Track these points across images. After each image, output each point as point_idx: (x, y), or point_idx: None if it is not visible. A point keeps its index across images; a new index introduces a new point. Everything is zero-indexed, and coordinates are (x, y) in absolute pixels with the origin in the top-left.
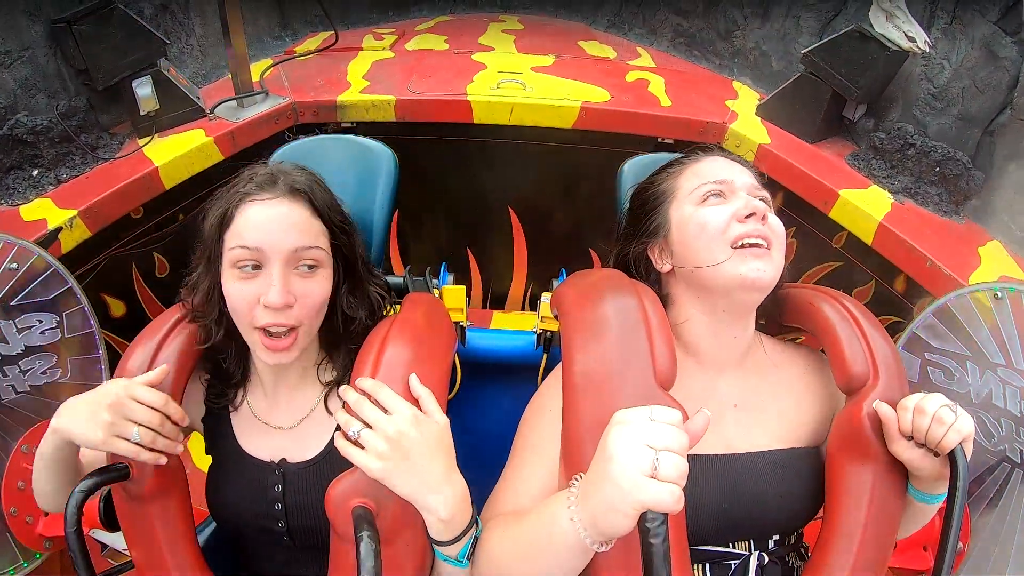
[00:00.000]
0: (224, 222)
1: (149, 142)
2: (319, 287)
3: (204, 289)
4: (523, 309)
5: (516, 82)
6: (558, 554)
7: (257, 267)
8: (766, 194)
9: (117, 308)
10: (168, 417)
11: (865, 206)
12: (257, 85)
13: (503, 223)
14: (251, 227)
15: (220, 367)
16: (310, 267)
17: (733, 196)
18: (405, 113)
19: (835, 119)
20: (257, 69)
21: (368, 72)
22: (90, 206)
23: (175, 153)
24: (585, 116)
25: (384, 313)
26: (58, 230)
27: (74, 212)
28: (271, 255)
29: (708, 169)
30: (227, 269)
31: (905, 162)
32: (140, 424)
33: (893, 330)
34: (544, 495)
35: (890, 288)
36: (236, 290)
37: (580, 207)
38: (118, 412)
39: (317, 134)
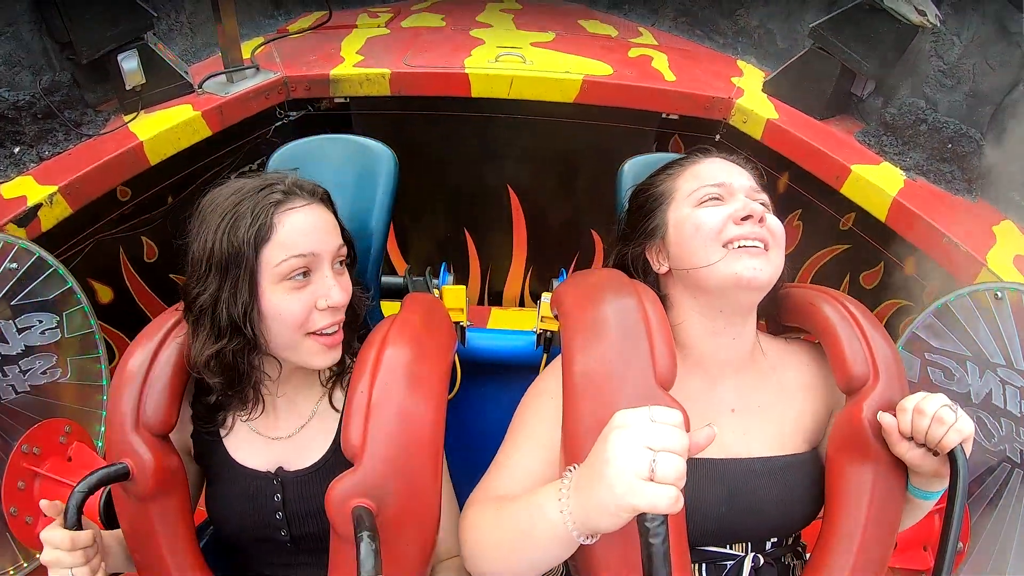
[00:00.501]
0: (260, 238)
1: (135, 118)
2: (349, 282)
3: (240, 315)
4: (522, 293)
5: (516, 55)
6: (543, 542)
7: (306, 274)
8: (765, 197)
9: (105, 294)
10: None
11: (878, 182)
12: (248, 62)
13: (502, 203)
14: (300, 235)
15: (203, 392)
16: (341, 263)
17: (731, 199)
18: (400, 87)
19: (843, 96)
20: (249, 48)
21: (362, 47)
22: (71, 182)
23: (161, 128)
24: (587, 90)
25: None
26: (37, 207)
27: (54, 188)
28: (324, 258)
29: (707, 171)
30: (272, 285)
31: (917, 138)
32: (72, 567)
33: (904, 314)
34: (536, 482)
35: (900, 270)
36: (290, 302)
37: (582, 186)
38: (57, 567)
39: (309, 111)
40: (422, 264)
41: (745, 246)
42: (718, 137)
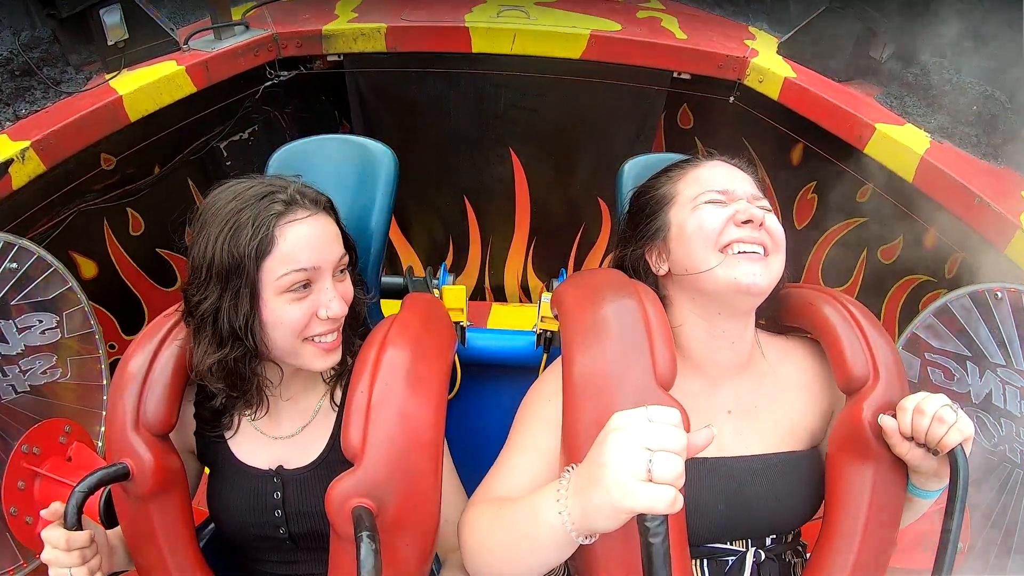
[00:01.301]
0: (261, 250)
1: (117, 75)
2: (351, 287)
3: (241, 325)
4: (525, 267)
5: (519, 10)
6: (542, 543)
7: (307, 285)
8: (766, 202)
9: (88, 268)
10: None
11: (904, 141)
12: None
13: (504, 167)
14: (302, 248)
15: (206, 396)
16: (343, 271)
17: (733, 204)
18: (396, 43)
19: (862, 59)
20: (240, 12)
21: (358, 6)
22: (44, 137)
23: (142, 82)
24: (595, 46)
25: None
26: (8, 163)
27: (27, 143)
28: (325, 270)
29: (709, 176)
30: (274, 297)
31: (941, 99)
32: (70, 567)
33: (924, 290)
34: (536, 485)
35: (921, 242)
36: (291, 312)
37: (589, 151)
38: (55, 565)
39: (301, 71)
40: (418, 234)
41: (744, 251)
42: (732, 99)
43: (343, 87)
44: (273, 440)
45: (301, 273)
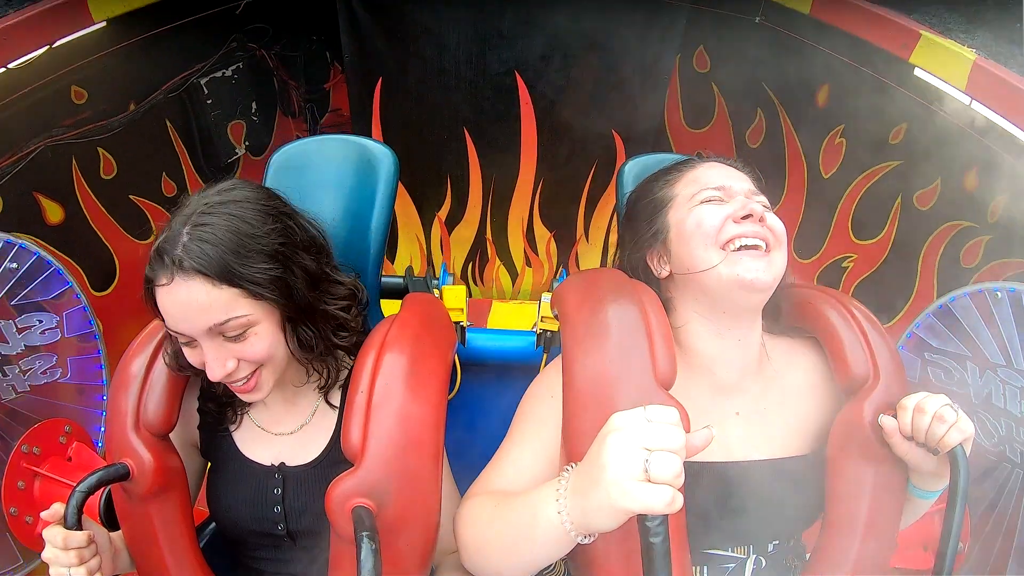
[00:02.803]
0: (151, 299)
1: None
2: (255, 345)
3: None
4: (531, 213)
5: None
6: (540, 541)
7: (192, 341)
8: (764, 199)
9: (54, 213)
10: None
11: (952, 48)
12: None
13: (508, 94)
14: (169, 312)
15: (212, 391)
16: (238, 335)
17: (731, 200)
18: None
19: None
20: None
21: None
22: None
23: None
24: None
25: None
26: None
27: None
28: (196, 336)
29: (706, 176)
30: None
31: (984, 14)
32: (71, 565)
33: (965, 237)
34: (535, 480)
35: (962, 184)
36: (187, 351)
37: (603, 77)
38: (55, 564)
39: None
40: (410, 175)
41: (746, 246)
42: (758, 19)
43: (334, 22)
44: (274, 436)
45: (174, 331)
